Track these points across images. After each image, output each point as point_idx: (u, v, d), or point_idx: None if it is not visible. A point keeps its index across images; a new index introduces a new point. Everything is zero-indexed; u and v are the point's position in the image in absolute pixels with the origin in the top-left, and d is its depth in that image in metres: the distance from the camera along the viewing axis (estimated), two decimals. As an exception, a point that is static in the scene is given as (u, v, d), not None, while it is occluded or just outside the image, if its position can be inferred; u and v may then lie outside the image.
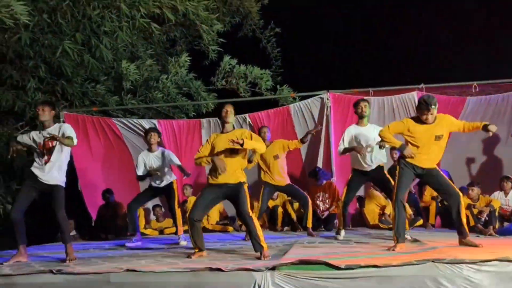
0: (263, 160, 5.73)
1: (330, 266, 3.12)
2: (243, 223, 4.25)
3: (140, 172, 5.58)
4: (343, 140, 5.21)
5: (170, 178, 5.62)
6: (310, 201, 5.86)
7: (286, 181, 5.80)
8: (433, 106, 4.04)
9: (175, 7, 7.09)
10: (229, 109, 4.21)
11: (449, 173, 6.03)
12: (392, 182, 5.12)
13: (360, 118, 5.18)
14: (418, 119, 4.18)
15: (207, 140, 4.30)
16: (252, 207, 4.53)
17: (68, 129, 4.29)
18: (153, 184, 5.62)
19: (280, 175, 5.72)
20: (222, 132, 4.24)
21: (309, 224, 5.79)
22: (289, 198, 6.71)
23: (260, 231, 4.01)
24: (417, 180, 5.13)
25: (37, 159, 4.28)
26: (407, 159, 4.16)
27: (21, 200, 4.27)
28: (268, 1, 9.51)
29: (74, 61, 7.11)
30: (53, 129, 4.29)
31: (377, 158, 5.09)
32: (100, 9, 6.86)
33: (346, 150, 5.14)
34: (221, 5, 9.05)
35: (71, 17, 6.95)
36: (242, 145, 3.94)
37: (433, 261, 3.06)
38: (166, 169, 5.58)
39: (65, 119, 7.37)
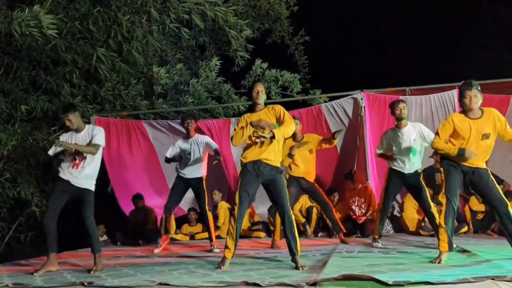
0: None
1: (376, 282, 2.87)
2: (281, 220, 3.95)
3: (168, 154, 5.54)
4: (381, 144, 5.12)
5: (200, 171, 5.48)
6: (332, 208, 5.68)
7: (312, 178, 5.56)
8: (475, 87, 3.71)
9: (204, 12, 6.99)
10: (260, 88, 3.98)
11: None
12: (427, 190, 4.88)
13: (398, 120, 4.96)
14: (463, 114, 3.83)
15: (240, 121, 4.04)
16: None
17: (98, 135, 4.14)
18: (181, 174, 5.48)
19: (310, 171, 5.49)
20: (253, 112, 4.02)
21: (343, 230, 5.61)
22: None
23: (297, 235, 3.81)
24: None
25: (65, 163, 4.14)
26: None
27: (54, 205, 4.14)
28: (297, 8, 9.34)
29: (107, 67, 7.12)
30: (84, 133, 4.16)
31: (416, 163, 4.91)
32: (131, 14, 6.84)
33: (382, 156, 5.07)
34: (250, 10, 8.92)
35: (102, 23, 6.95)
36: (273, 137, 3.74)
37: (492, 279, 2.76)
38: (200, 158, 5.47)
39: (95, 123, 7.41)
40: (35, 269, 4.09)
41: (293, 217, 3.87)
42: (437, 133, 3.90)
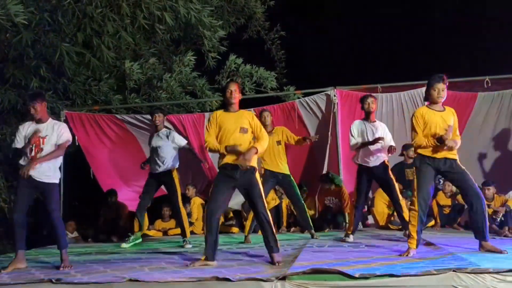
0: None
1: (343, 275, 2.94)
2: (257, 220, 3.96)
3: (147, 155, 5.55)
4: (352, 134, 5.05)
5: (171, 163, 5.42)
6: (306, 208, 5.68)
7: (288, 170, 5.54)
8: (445, 82, 3.83)
9: (177, 10, 6.89)
10: (233, 88, 3.93)
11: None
12: (396, 185, 4.99)
13: (367, 113, 5.07)
14: (427, 107, 3.96)
15: (210, 120, 3.95)
16: None
17: (65, 133, 4.05)
18: (151, 169, 5.47)
19: (282, 163, 5.45)
20: (227, 111, 3.97)
21: (312, 227, 5.63)
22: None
23: (274, 233, 3.81)
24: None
25: (25, 155, 4.01)
26: (424, 152, 3.87)
27: (20, 201, 4.03)
28: (274, 3, 9.36)
29: (75, 62, 6.97)
30: (46, 126, 4.04)
31: (381, 156, 4.98)
32: (102, 8, 6.70)
33: (363, 144, 4.94)
34: (225, 4, 8.88)
35: (72, 16, 6.79)
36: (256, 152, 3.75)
37: (454, 271, 2.87)
38: (169, 152, 5.42)
39: (66, 118, 7.27)
40: (2, 266, 4.00)
41: (269, 216, 3.85)
42: (414, 131, 3.94)
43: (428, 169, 3.87)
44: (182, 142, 5.53)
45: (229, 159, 3.84)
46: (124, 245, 5.33)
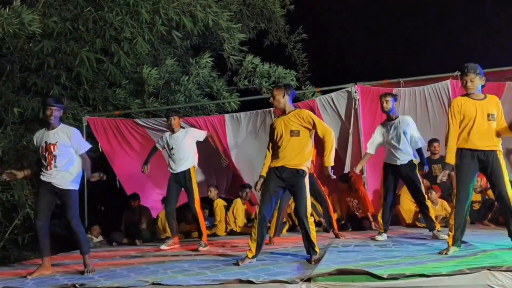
0: None
1: (371, 276, 2.84)
2: (298, 222, 3.94)
3: (157, 145, 5.68)
4: (373, 136, 5.15)
5: (187, 163, 5.41)
6: (330, 205, 5.58)
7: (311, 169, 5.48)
8: (471, 71, 3.64)
9: (195, 14, 6.86)
10: (275, 93, 4.01)
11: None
12: (421, 182, 4.85)
13: (384, 113, 5.05)
14: (466, 96, 3.77)
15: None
16: None
17: (80, 141, 4.09)
18: (171, 170, 5.47)
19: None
20: (279, 116, 4.04)
21: (335, 227, 5.54)
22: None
23: (314, 238, 3.77)
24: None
25: (42, 164, 4.04)
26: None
27: (41, 207, 4.03)
28: (293, 7, 9.26)
29: (93, 69, 7.04)
30: (55, 132, 4.04)
31: (407, 152, 4.87)
32: (122, 15, 6.74)
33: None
34: (244, 8, 8.80)
35: (94, 24, 6.86)
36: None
37: (488, 269, 2.74)
38: (188, 150, 5.42)
39: (88, 123, 7.35)
40: (28, 272, 4.02)
41: (310, 221, 3.81)
42: (449, 130, 3.80)
43: (467, 162, 3.71)
44: (201, 134, 5.57)
45: (273, 163, 3.90)
46: (163, 246, 5.34)
